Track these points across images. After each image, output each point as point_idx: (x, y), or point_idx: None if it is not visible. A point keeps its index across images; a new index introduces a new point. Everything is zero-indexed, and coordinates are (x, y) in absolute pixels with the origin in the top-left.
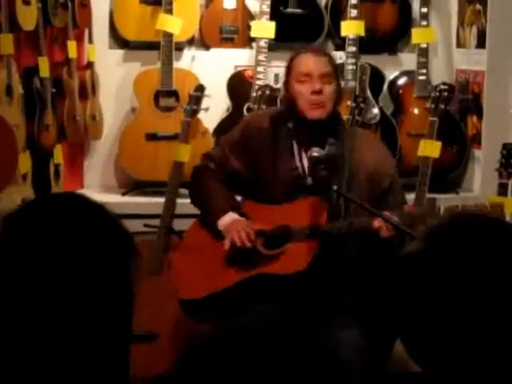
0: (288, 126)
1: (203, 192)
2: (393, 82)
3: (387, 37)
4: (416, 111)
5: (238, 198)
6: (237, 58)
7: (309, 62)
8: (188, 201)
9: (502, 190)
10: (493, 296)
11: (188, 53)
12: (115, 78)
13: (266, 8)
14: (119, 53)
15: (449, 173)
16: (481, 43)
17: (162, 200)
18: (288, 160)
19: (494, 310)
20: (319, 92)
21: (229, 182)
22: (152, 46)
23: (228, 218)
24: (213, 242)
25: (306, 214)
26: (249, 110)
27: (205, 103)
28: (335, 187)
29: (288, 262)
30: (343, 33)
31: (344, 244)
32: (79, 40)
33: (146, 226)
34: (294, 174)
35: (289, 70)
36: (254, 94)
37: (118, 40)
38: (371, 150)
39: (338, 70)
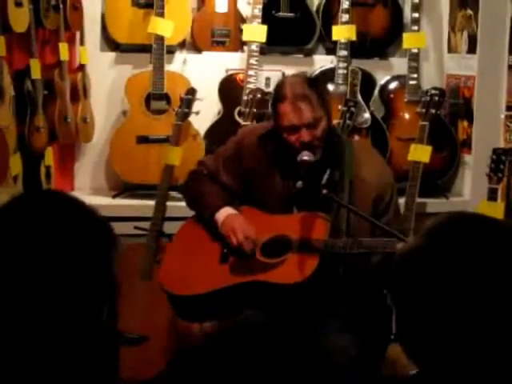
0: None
1: (198, 191)
2: (384, 87)
3: (378, 41)
4: (407, 116)
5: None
6: (228, 62)
7: (292, 115)
8: (178, 204)
9: (492, 195)
10: (493, 295)
11: (179, 56)
12: (107, 81)
13: (258, 12)
14: (111, 55)
15: (439, 177)
16: (472, 48)
17: (152, 203)
18: (283, 177)
19: (495, 307)
20: (308, 142)
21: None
22: (144, 48)
23: (224, 213)
24: (208, 240)
25: (306, 227)
26: (240, 113)
27: (196, 106)
28: (325, 191)
29: (287, 273)
30: (334, 37)
31: (343, 259)
32: (71, 42)
33: (136, 228)
34: (288, 190)
35: (274, 108)
36: (246, 98)
37: (110, 43)
38: (371, 165)
39: (324, 98)
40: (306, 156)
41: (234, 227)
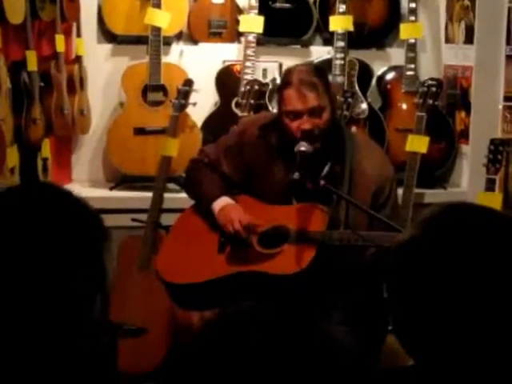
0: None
1: (197, 180)
2: (381, 77)
3: (376, 32)
4: (404, 106)
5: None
6: (225, 53)
7: (296, 100)
8: (176, 195)
9: (490, 186)
10: (489, 285)
11: (176, 47)
12: (103, 73)
13: (255, 2)
14: (107, 47)
15: (436, 168)
16: (469, 38)
17: (149, 194)
18: (284, 168)
19: (491, 297)
20: (309, 130)
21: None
22: (140, 40)
23: (221, 202)
24: (206, 230)
25: (304, 218)
26: (237, 104)
27: (193, 98)
28: (322, 182)
29: (284, 264)
30: (332, 28)
31: (341, 251)
32: (67, 34)
33: (133, 220)
34: (287, 181)
35: (280, 94)
36: (243, 89)
37: (107, 34)
38: (372, 158)
39: (329, 89)
40: (303, 147)
41: (231, 216)
